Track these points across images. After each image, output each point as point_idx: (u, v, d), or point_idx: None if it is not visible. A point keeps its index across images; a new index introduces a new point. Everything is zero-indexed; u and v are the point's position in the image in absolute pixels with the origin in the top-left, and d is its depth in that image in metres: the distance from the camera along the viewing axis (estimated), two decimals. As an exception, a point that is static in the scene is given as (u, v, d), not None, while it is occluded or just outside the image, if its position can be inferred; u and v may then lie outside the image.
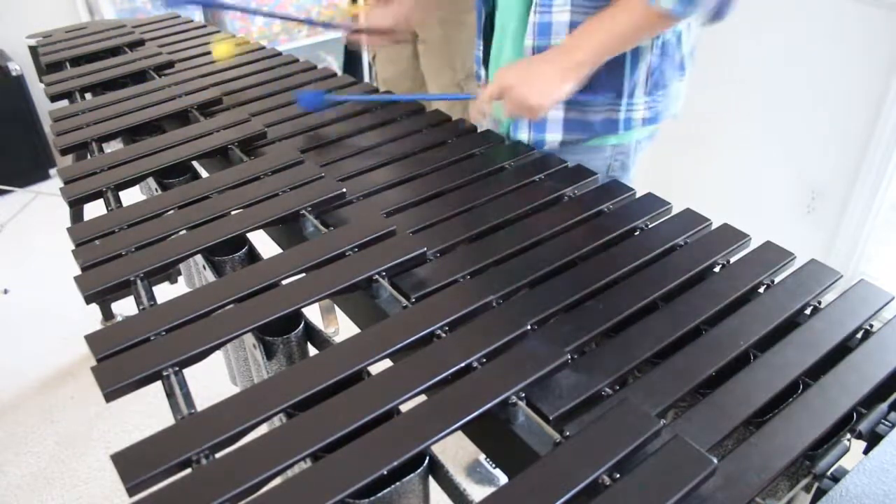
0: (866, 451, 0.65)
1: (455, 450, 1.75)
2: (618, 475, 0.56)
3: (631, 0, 0.93)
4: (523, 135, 1.16)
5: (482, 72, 1.27)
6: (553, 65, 0.98)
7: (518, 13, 1.08)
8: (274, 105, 1.30)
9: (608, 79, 1.06)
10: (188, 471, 0.57)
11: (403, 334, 0.70)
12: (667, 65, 1.09)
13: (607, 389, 0.67)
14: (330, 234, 0.87)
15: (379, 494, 0.57)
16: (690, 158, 2.29)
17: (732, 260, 0.86)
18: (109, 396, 0.65)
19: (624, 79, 1.07)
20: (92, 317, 2.02)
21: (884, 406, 0.67)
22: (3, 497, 1.67)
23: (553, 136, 1.13)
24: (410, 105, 1.29)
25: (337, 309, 1.19)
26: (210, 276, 0.90)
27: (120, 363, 0.67)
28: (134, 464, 0.57)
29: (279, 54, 1.56)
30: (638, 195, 1.00)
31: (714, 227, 0.92)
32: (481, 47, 1.24)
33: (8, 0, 2.76)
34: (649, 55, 1.06)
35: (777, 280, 0.83)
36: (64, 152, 1.17)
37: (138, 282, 0.80)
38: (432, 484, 0.64)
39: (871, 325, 0.76)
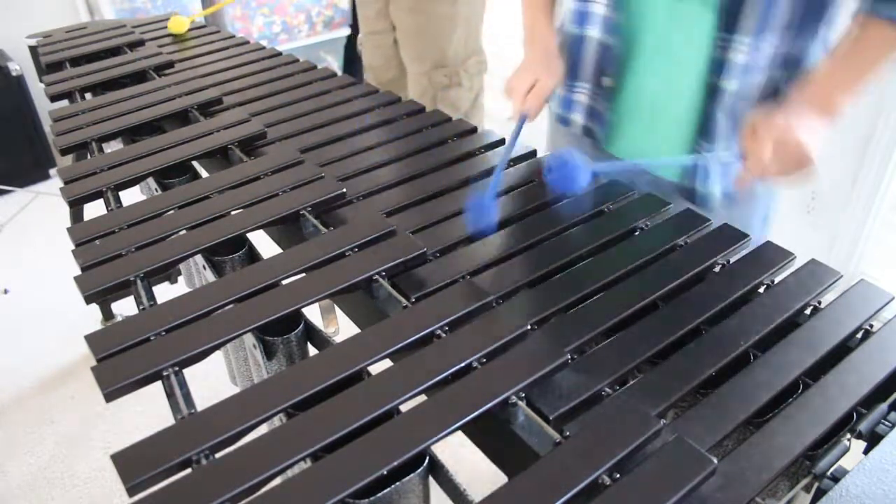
0: (866, 451, 0.65)
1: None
2: (618, 475, 0.56)
3: (879, 30, 0.83)
4: (716, 186, 1.00)
5: (575, 116, 1.09)
6: (822, 118, 0.87)
7: (701, 51, 0.92)
8: (274, 105, 1.30)
9: None
10: (188, 471, 0.57)
11: (403, 334, 0.70)
12: None
13: (607, 389, 0.67)
14: (330, 234, 0.87)
15: (379, 494, 0.57)
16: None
17: (732, 260, 0.86)
18: (109, 396, 0.65)
19: None
20: (92, 317, 2.02)
21: (884, 406, 0.67)
22: (3, 497, 1.67)
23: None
24: (410, 105, 1.29)
25: (337, 309, 1.19)
26: (210, 276, 0.90)
27: (120, 363, 0.67)
28: (134, 464, 0.57)
29: (279, 54, 1.57)
30: (637, 195, 1.00)
31: (714, 226, 0.92)
32: (586, 88, 1.06)
33: (8, 0, 2.76)
34: None
35: (777, 280, 0.83)
36: (64, 152, 1.17)
37: (138, 282, 0.80)
38: (432, 484, 0.64)
39: (871, 325, 0.76)
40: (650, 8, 0.95)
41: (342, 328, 1.81)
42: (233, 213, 0.93)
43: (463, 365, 0.66)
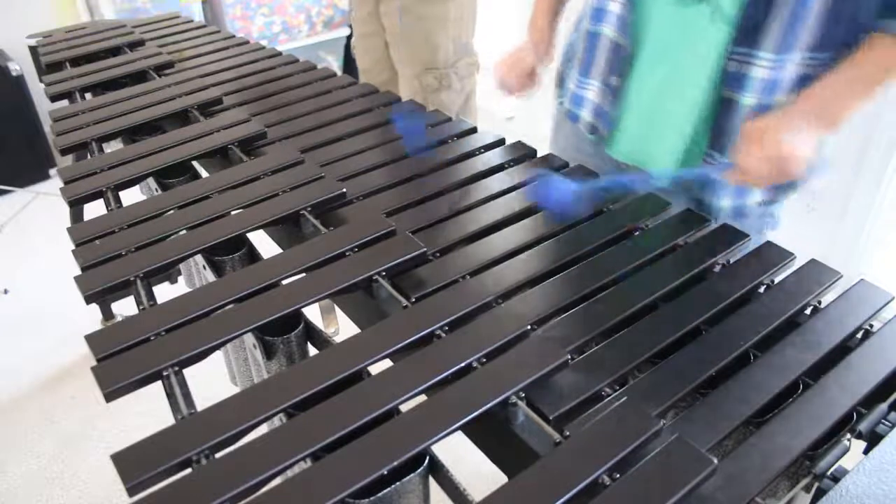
0: (866, 451, 0.65)
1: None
2: (618, 475, 0.56)
3: (886, 45, 0.84)
4: (727, 201, 1.01)
5: (583, 112, 1.09)
6: (821, 130, 0.87)
7: (707, 62, 0.91)
8: (274, 105, 1.30)
9: None
10: (188, 471, 0.57)
11: (403, 334, 0.70)
12: None
13: (607, 389, 0.67)
14: (330, 234, 0.87)
15: (379, 494, 0.57)
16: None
17: (733, 260, 0.86)
18: (109, 396, 0.65)
19: None
20: (92, 317, 2.02)
21: (884, 406, 0.67)
22: (3, 497, 1.67)
23: (754, 198, 1.02)
24: (410, 105, 1.29)
25: (337, 309, 1.19)
26: (210, 276, 0.90)
27: (120, 363, 0.67)
28: (134, 464, 0.57)
29: (279, 54, 1.57)
30: (638, 195, 1.00)
31: (714, 226, 0.92)
32: (595, 85, 1.05)
33: (8, 0, 2.76)
34: None
35: (777, 280, 0.83)
36: (64, 152, 1.17)
37: (138, 282, 0.80)
38: (432, 484, 0.64)
39: (871, 325, 0.76)
40: (655, 11, 0.95)
41: (342, 328, 1.81)
42: (233, 213, 0.93)
43: (463, 365, 0.66)
